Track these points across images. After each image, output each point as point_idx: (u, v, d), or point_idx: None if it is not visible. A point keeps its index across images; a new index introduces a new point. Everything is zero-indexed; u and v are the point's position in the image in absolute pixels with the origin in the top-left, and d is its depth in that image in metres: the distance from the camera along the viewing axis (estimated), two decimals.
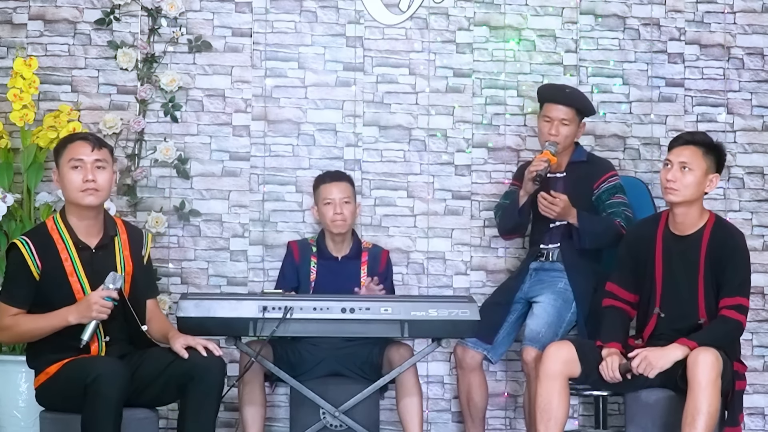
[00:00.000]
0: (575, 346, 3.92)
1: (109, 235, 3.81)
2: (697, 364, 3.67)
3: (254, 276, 4.90)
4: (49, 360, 3.68)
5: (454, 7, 5.04)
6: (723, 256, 3.88)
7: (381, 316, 3.89)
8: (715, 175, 3.95)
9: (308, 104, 4.97)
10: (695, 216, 3.96)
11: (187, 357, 3.65)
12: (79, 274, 3.71)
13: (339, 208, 4.46)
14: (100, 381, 3.43)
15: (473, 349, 4.51)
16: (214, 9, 4.95)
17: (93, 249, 3.76)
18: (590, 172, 4.51)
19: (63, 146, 3.79)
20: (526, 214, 4.51)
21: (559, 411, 3.85)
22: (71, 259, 3.71)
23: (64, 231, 3.74)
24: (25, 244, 3.69)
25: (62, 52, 4.88)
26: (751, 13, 5.14)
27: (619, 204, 4.42)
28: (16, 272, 3.70)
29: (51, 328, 3.64)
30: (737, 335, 3.92)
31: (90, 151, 3.73)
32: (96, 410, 3.43)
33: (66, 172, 3.73)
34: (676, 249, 3.97)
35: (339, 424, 4.13)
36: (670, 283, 3.97)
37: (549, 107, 4.53)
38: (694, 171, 3.90)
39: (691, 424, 3.64)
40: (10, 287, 3.72)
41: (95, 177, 3.70)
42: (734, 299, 3.85)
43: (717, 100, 5.11)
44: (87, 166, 3.71)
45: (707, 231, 3.93)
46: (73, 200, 3.74)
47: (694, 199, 3.93)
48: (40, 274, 3.68)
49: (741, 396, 3.93)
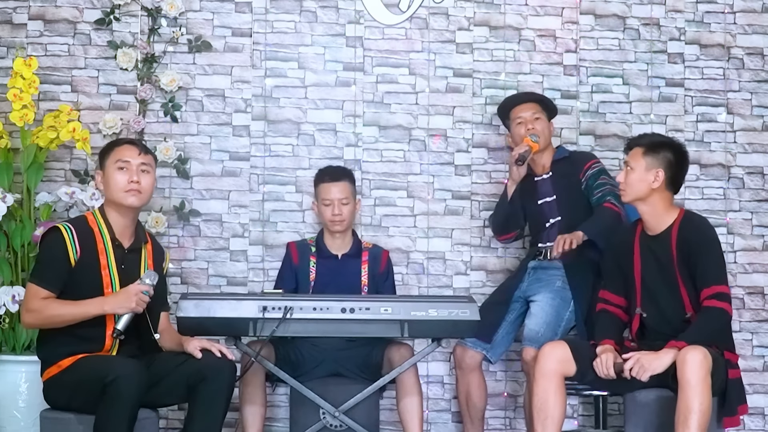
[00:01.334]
0: (570, 346, 3.95)
1: (140, 240, 3.92)
2: (685, 363, 3.68)
3: (254, 276, 4.90)
4: (63, 353, 3.70)
5: (454, 7, 5.04)
6: (693, 248, 3.92)
7: (381, 316, 3.88)
8: (658, 170, 4.00)
9: (308, 104, 4.97)
10: (661, 214, 4.02)
11: (200, 357, 3.71)
12: (111, 269, 3.79)
13: (337, 209, 4.47)
14: (120, 382, 3.46)
15: (472, 348, 4.51)
16: (214, 9, 4.95)
17: (126, 249, 3.84)
18: (573, 166, 4.57)
19: (110, 149, 3.91)
20: (517, 204, 4.60)
21: (556, 410, 3.86)
22: (106, 253, 3.79)
23: (103, 226, 3.83)
24: (68, 229, 3.76)
25: (62, 52, 4.88)
26: (751, 13, 5.14)
27: (606, 184, 4.47)
28: (54, 255, 3.74)
29: (84, 316, 3.67)
30: (724, 323, 3.92)
31: (137, 155, 3.86)
32: (113, 410, 3.46)
33: (112, 172, 3.84)
34: (650, 248, 4.03)
35: (339, 424, 4.13)
36: (649, 282, 4.02)
37: (516, 110, 4.64)
38: (635, 169, 4.01)
39: (684, 423, 3.65)
40: (44, 270, 3.76)
41: (140, 179, 3.83)
42: (712, 288, 3.87)
43: (717, 100, 5.11)
44: (133, 168, 3.83)
45: (675, 227, 3.99)
46: (116, 200, 3.83)
47: (643, 196, 4.00)
48: (77, 261, 3.73)
49: (738, 385, 3.93)
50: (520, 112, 4.62)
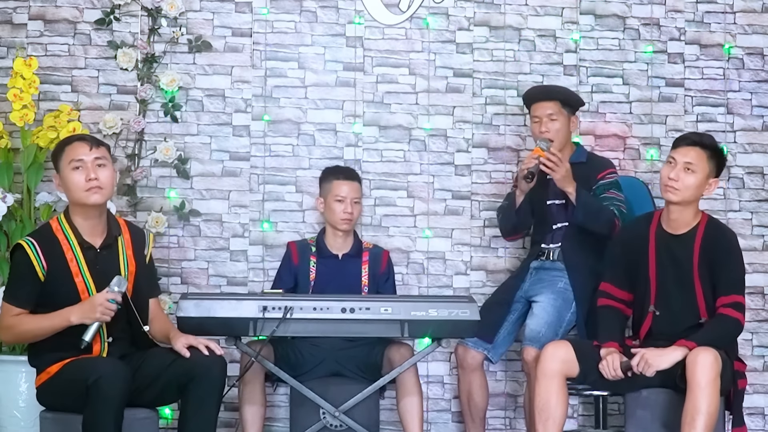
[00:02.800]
0: (573, 346, 3.92)
1: (112, 235, 3.82)
2: (696, 364, 3.67)
3: (254, 276, 4.90)
4: (51, 359, 3.68)
5: (454, 7, 5.04)
6: (717, 254, 3.89)
7: (381, 316, 3.88)
8: (714, 180, 3.97)
9: (308, 104, 4.97)
10: (690, 215, 3.98)
11: (188, 356, 3.66)
12: (84, 274, 3.72)
13: (350, 207, 4.48)
14: (102, 382, 3.43)
15: (474, 348, 4.51)
16: (214, 9, 4.95)
17: (98, 249, 3.77)
18: (589, 173, 4.48)
19: (61, 149, 3.80)
20: (524, 213, 4.52)
21: (558, 410, 3.85)
22: (76, 259, 3.72)
23: (69, 231, 3.75)
24: (31, 245, 3.69)
25: (62, 52, 4.88)
26: (751, 13, 5.14)
27: (612, 199, 4.40)
28: (21, 273, 3.70)
29: (52, 329, 3.64)
30: (736, 334, 3.92)
31: (89, 150, 3.74)
32: (97, 411, 3.43)
33: (68, 174, 3.74)
34: (669, 247, 3.98)
35: (339, 424, 4.13)
36: (664, 281, 3.97)
37: (534, 107, 4.57)
38: (697, 173, 3.91)
39: (691, 424, 3.65)
40: (15, 287, 3.72)
41: (97, 175, 3.72)
42: (731, 297, 3.85)
43: (717, 100, 5.11)
44: (88, 165, 3.72)
45: (701, 230, 3.95)
46: (77, 201, 3.74)
47: (692, 201, 3.94)
48: (45, 275, 3.68)
49: (743, 395, 3.93)
50: (537, 111, 4.53)
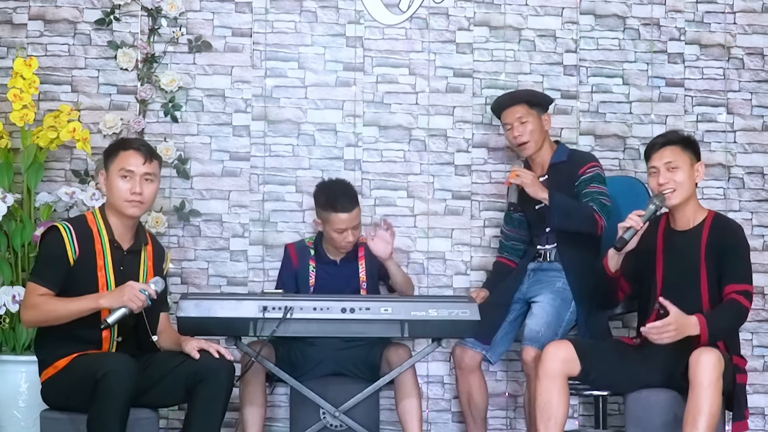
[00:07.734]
0: (574, 345, 3.93)
1: (140, 242, 3.89)
2: (699, 364, 3.68)
3: (254, 276, 4.90)
4: (59, 354, 3.70)
5: (454, 7, 5.04)
6: (725, 247, 3.91)
7: (381, 316, 3.88)
8: (699, 163, 4.02)
9: (308, 104, 4.97)
10: (693, 210, 4.01)
11: (198, 358, 3.69)
12: (108, 270, 3.77)
13: (351, 236, 4.40)
14: (110, 377, 3.45)
15: (472, 349, 4.51)
16: (214, 9, 4.95)
17: (125, 251, 3.83)
18: (571, 170, 4.48)
19: (115, 152, 3.84)
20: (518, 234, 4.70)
21: (559, 410, 3.85)
22: (104, 254, 3.77)
23: (102, 227, 3.81)
24: (67, 228, 3.74)
25: (62, 52, 4.88)
26: (751, 13, 5.14)
27: (593, 192, 4.38)
28: (52, 254, 3.73)
29: (80, 311, 3.65)
30: (743, 319, 3.93)
31: (142, 164, 3.80)
32: (104, 406, 3.45)
33: (114, 178, 3.80)
34: (676, 244, 4.01)
35: (339, 424, 4.13)
36: (671, 278, 3.99)
37: (504, 115, 4.60)
38: (681, 167, 3.97)
39: (693, 424, 3.65)
40: (43, 268, 3.75)
41: (142, 190, 3.78)
42: (742, 285, 3.87)
43: (717, 100, 5.12)
44: (136, 178, 3.79)
45: (707, 224, 3.98)
46: (117, 207, 3.81)
47: (691, 194, 3.99)
48: (75, 261, 3.72)
49: (744, 390, 3.94)
50: (507, 118, 4.56)
